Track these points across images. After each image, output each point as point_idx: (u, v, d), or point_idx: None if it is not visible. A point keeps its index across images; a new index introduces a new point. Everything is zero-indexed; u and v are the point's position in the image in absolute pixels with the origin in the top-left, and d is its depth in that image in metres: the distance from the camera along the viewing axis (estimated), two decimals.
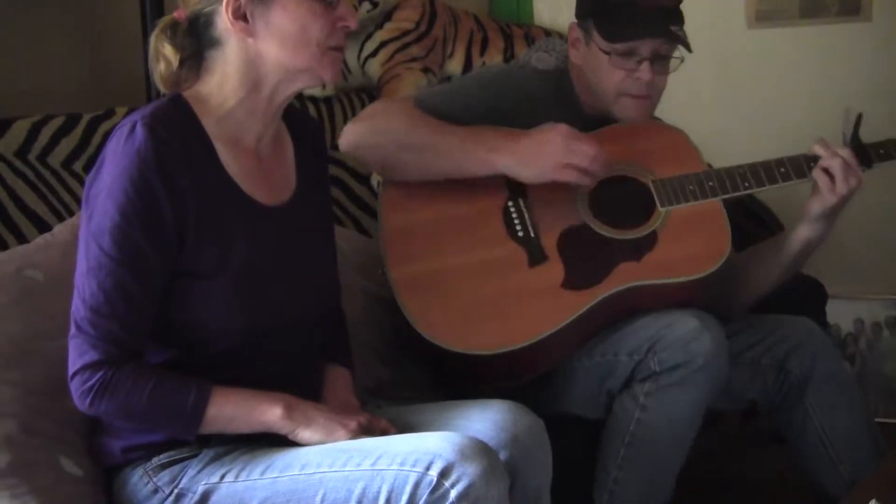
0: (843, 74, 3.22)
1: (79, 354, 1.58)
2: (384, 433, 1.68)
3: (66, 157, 2.36)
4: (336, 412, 1.69)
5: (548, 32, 3.39)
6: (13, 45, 2.57)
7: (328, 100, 2.96)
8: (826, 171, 2.10)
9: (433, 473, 1.51)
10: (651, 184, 2.16)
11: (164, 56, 1.70)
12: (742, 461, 2.77)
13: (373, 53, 3.07)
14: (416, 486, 1.51)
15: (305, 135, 1.86)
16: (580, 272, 2.08)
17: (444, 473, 1.51)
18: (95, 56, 2.76)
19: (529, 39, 3.32)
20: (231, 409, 1.62)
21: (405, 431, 1.69)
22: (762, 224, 2.95)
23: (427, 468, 1.52)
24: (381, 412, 1.81)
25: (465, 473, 1.51)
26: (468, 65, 3.22)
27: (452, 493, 1.51)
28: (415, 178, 2.14)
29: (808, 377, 2.19)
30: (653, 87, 2.21)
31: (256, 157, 1.74)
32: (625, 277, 2.06)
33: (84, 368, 1.57)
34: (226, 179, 1.68)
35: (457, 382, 2.13)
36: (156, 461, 1.65)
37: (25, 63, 2.58)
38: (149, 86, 2.42)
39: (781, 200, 2.46)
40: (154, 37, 1.71)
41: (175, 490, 1.63)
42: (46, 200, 2.27)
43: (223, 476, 1.62)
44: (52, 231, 2.01)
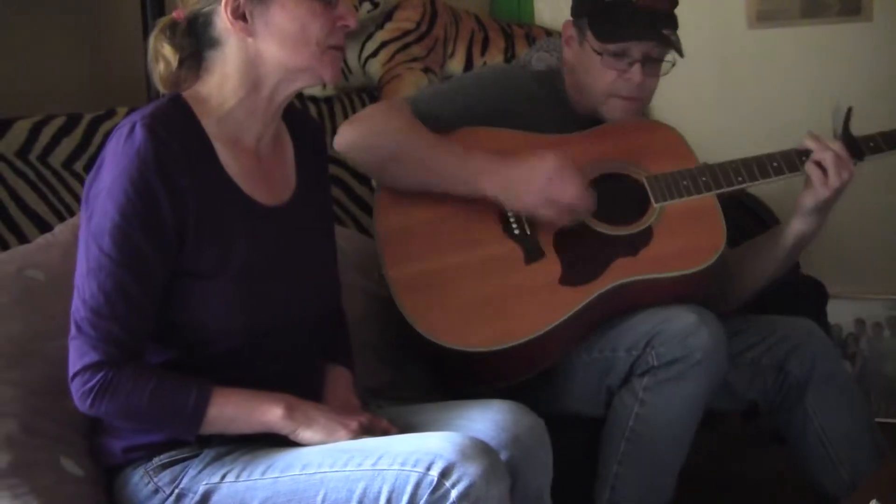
0: (844, 74, 3.22)
1: (79, 355, 1.58)
2: (385, 433, 1.68)
3: (67, 157, 2.35)
4: (337, 412, 1.69)
5: (549, 32, 3.38)
6: (14, 46, 2.57)
7: (329, 100, 2.96)
8: (818, 165, 2.11)
9: (434, 473, 1.51)
10: (645, 180, 2.17)
11: (164, 56, 1.69)
12: (742, 461, 2.77)
13: (373, 53, 3.07)
14: (417, 486, 1.51)
15: (305, 134, 1.86)
16: (577, 268, 2.08)
17: (445, 473, 1.51)
18: (96, 56, 2.76)
19: (530, 39, 3.32)
20: (232, 410, 1.62)
21: (406, 431, 1.69)
22: (759, 220, 2.95)
23: (428, 468, 1.52)
24: (382, 412, 1.81)
25: (466, 473, 1.51)
26: (469, 65, 3.22)
27: (453, 493, 1.51)
28: (404, 188, 2.15)
29: (808, 378, 2.20)
30: (643, 90, 2.23)
31: (256, 157, 1.74)
32: (621, 273, 2.07)
33: (84, 369, 1.57)
34: (225, 179, 1.68)
35: (456, 383, 2.14)
36: (157, 461, 1.65)
37: (26, 63, 2.58)
38: (149, 86, 2.41)
39: (779, 197, 2.45)
40: (153, 37, 1.70)
41: (176, 490, 1.63)
42: (47, 200, 2.27)
43: (224, 476, 1.62)
44: (53, 231, 2.01)
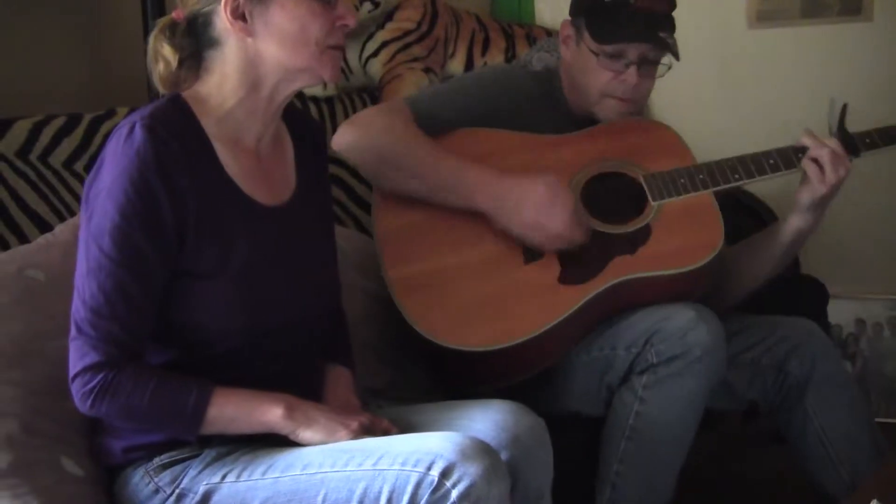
0: (844, 74, 3.22)
1: (79, 356, 1.58)
2: (386, 433, 1.68)
3: (68, 157, 2.35)
4: (337, 412, 1.69)
5: (549, 32, 3.38)
6: (14, 45, 2.56)
7: (330, 100, 2.96)
8: (815, 161, 2.11)
9: (435, 473, 1.51)
10: (643, 178, 2.18)
11: (163, 56, 1.69)
12: (742, 461, 2.77)
13: (374, 53, 3.07)
14: (418, 486, 1.51)
15: (305, 134, 1.86)
16: (576, 267, 2.09)
17: (446, 473, 1.51)
18: (96, 56, 2.76)
19: (531, 39, 3.32)
20: (232, 410, 1.62)
21: (406, 431, 1.69)
22: (759, 219, 2.94)
23: (428, 468, 1.52)
24: (382, 412, 1.81)
25: (467, 473, 1.51)
26: (470, 65, 3.22)
27: (454, 493, 1.51)
28: (398, 194, 2.15)
29: (808, 378, 2.20)
30: (638, 91, 2.24)
31: (256, 157, 1.74)
32: (620, 271, 2.08)
33: (85, 370, 1.57)
34: (225, 180, 1.68)
35: (457, 383, 2.14)
36: (157, 461, 1.65)
37: (27, 63, 2.58)
38: (150, 86, 2.39)
39: (778, 196, 2.45)
40: (153, 37, 1.70)
41: (176, 490, 1.63)
42: (48, 200, 2.27)
43: (224, 476, 1.62)
44: (54, 231, 2.01)
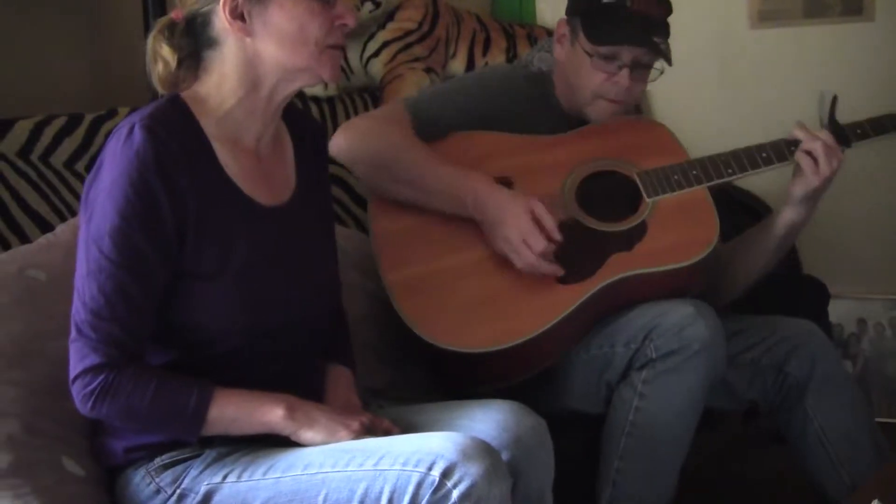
0: (846, 74, 3.22)
1: (80, 358, 1.58)
2: (387, 433, 1.68)
3: (69, 157, 2.35)
4: (338, 412, 1.69)
5: (550, 33, 3.37)
6: (15, 46, 2.56)
7: (331, 100, 2.96)
8: (809, 154, 2.12)
9: (436, 473, 1.51)
10: (636, 176, 2.18)
11: (162, 57, 1.69)
12: (743, 461, 2.77)
13: (375, 53, 3.07)
14: (419, 487, 1.51)
15: (305, 134, 1.86)
16: (573, 266, 2.09)
17: (447, 473, 1.51)
18: (97, 56, 2.76)
19: (532, 39, 3.32)
20: (233, 411, 1.62)
21: (407, 431, 1.69)
22: (757, 218, 2.94)
23: (429, 468, 1.52)
24: (384, 412, 1.81)
25: (468, 473, 1.51)
26: (471, 65, 3.22)
27: (455, 494, 1.51)
28: (392, 199, 2.15)
29: (808, 379, 2.20)
30: (629, 94, 2.25)
31: (256, 157, 1.74)
32: (618, 268, 2.08)
33: (85, 372, 1.57)
34: (225, 180, 1.68)
35: (457, 385, 2.13)
36: (158, 461, 1.65)
37: (28, 63, 2.58)
38: (151, 86, 2.42)
39: (777, 193, 2.44)
40: (151, 37, 1.70)
41: (177, 490, 1.63)
42: (49, 200, 2.27)
43: (226, 476, 1.62)
44: (55, 231, 2.01)
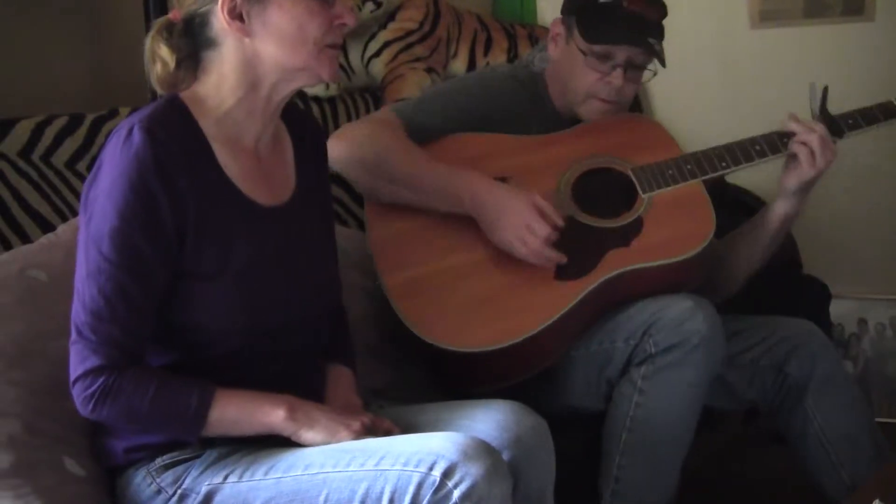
0: (846, 74, 3.21)
1: (80, 360, 1.58)
2: (387, 433, 1.68)
3: (70, 157, 2.35)
4: (339, 413, 1.69)
5: None
6: (16, 46, 2.57)
7: (332, 100, 2.96)
8: (805, 145, 2.13)
9: (436, 473, 1.51)
10: (631, 172, 2.19)
11: (160, 57, 1.69)
12: (743, 461, 2.77)
13: (376, 53, 3.07)
14: (420, 487, 1.52)
15: (305, 134, 1.86)
16: (571, 263, 2.09)
17: (448, 473, 1.51)
18: (98, 56, 2.76)
19: (533, 39, 3.32)
20: (234, 412, 1.63)
21: (408, 431, 1.69)
22: (748, 211, 2.94)
23: (430, 468, 1.52)
24: (384, 412, 1.81)
25: (469, 474, 1.51)
26: (472, 65, 3.22)
27: (455, 494, 1.51)
28: (389, 203, 2.15)
29: (808, 379, 2.20)
30: (622, 94, 2.26)
31: (255, 158, 1.74)
32: (615, 263, 2.09)
33: (86, 374, 1.57)
34: (224, 180, 1.68)
35: (457, 385, 2.13)
36: (159, 462, 1.66)
37: (29, 63, 2.58)
38: (152, 86, 2.42)
39: (776, 191, 2.44)
40: (150, 38, 1.70)
41: (178, 490, 1.63)
42: (50, 200, 2.27)
43: (226, 476, 1.62)
44: (56, 231, 2.02)
